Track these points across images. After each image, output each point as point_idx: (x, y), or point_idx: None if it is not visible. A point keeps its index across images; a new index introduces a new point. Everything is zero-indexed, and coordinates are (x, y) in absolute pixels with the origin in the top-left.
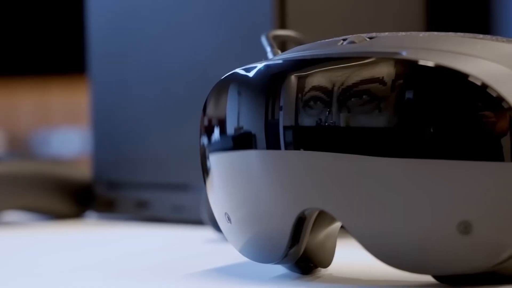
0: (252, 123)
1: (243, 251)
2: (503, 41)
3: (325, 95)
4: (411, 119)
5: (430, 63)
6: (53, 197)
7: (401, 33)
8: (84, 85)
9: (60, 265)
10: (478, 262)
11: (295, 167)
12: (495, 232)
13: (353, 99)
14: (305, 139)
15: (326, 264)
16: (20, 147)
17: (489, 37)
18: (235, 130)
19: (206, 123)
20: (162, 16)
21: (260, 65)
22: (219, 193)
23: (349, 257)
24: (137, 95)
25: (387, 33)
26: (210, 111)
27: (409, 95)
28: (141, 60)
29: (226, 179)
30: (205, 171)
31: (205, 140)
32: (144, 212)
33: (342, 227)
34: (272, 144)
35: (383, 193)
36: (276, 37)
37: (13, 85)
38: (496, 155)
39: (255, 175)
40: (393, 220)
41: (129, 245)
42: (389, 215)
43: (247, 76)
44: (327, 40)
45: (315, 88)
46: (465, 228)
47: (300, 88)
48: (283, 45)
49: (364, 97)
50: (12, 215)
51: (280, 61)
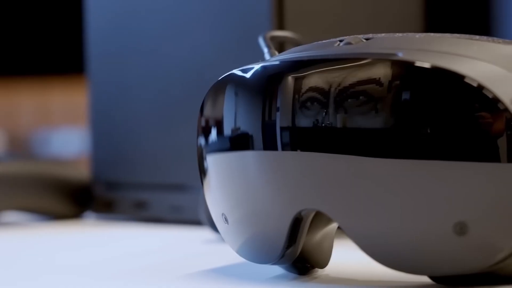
0: (249, 124)
1: (240, 252)
2: (499, 42)
3: (321, 96)
4: (407, 120)
5: (426, 64)
6: (51, 197)
7: (397, 34)
8: (84, 85)
9: (58, 265)
10: (474, 262)
11: (292, 168)
12: (491, 233)
13: (349, 100)
14: (302, 140)
15: (323, 264)
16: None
17: (485, 38)
18: (232, 131)
19: (203, 123)
20: (160, 17)
21: (257, 66)
22: (216, 193)
23: (346, 257)
24: (136, 96)
25: (383, 34)
26: (207, 111)
27: (405, 96)
28: (140, 60)
29: (223, 179)
30: (202, 172)
31: (202, 140)
32: (142, 212)
33: (339, 227)
34: (269, 145)
35: (379, 193)
36: (273, 38)
37: (13, 85)
38: (492, 156)
39: (252, 175)
40: (389, 220)
41: (128, 245)
42: (385, 216)
43: (244, 77)
44: (324, 41)
45: (311, 89)
46: (461, 229)
47: (297, 89)
48: (281, 46)
49: (360, 98)
50: (10, 216)
51: (277, 62)
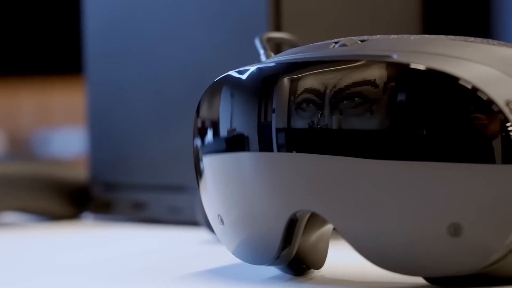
0: (245, 125)
1: (236, 253)
2: (494, 44)
3: (317, 98)
4: (402, 121)
5: (420, 66)
6: (50, 198)
7: (392, 36)
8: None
9: (57, 265)
10: (468, 263)
11: (287, 169)
12: (485, 234)
13: (344, 102)
14: (297, 142)
15: (318, 265)
16: (20, 148)
17: (479, 40)
18: (228, 132)
19: (199, 125)
20: (158, 17)
21: (252, 68)
22: (212, 195)
23: (342, 258)
24: (134, 96)
25: (378, 36)
26: (203, 113)
27: (399, 98)
28: (138, 61)
29: (219, 181)
30: (199, 173)
31: (198, 142)
32: (140, 213)
33: (334, 229)
34: (264, 146)
35: (374, 195)
36: (269, 40)
37: (14, 85)
38: (486, 158)
39: (247, 177)
40: (384, 222)
41: (125, 246)
42: (380, 217)
43: (240, 78)
44: (319, 43)
45: (307, 90)
46: (455, 230)
47: (292, 90)
48: (278, 47)
49: (355, 100)
50: (8, 216)
51: (272, 64)
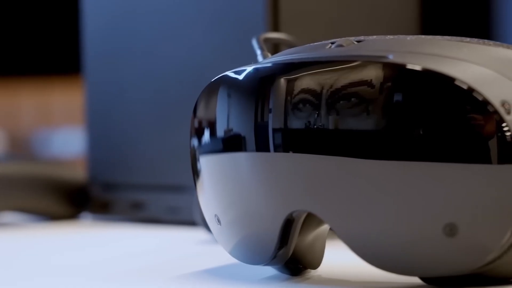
0: (241, 125)
1: (233, 253)
2: (490, 45)
3: (313, 98)
4: (398, 122)
5: (416, 67)
6: (48, 198)
7: (388, 36)
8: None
9: (55, 266)
10: (464, 263)
11: (284, 169)
12: (480, 234)
13: (341, 102)
14: (294, 142)
15: (315, 265)
16: (21, 148)
17: (475, 40)
18: (225, 132)
19: (196, 125)
20: (157, 18)
21: (249, 68)
22: (209, 195)
23: (338, 258)
24: (132, 97)
25: (375, 37)
26: (200, 113)
27: (395, 98)
28: (136, 62)
29: (215, 181)
30: (195, 173)
31: (195, 142)
32: (139, 213)
33: (330, 229)
34: (261, 146)
35: (370, 195)
36: (267, 40)
37: (14, 85)
38: (482, 158)
39: (244, 177)
40: (380, 222)
41: (124, 246)
42: (376, 217)
43: (236, 78)
44: (316, 43)
45: (303, 91)
46: (451, 230)
47: (289, 91)
48: (275, 47)
49: (351, 100)
50: (7, 216)
51: (269, 64)
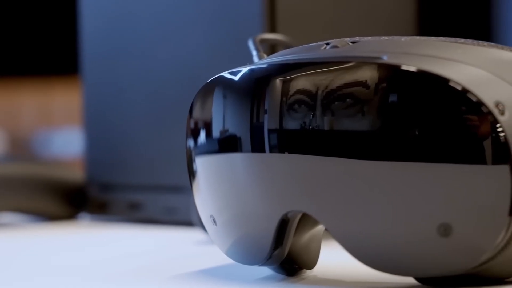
0: (237, 126)
1: (228, 253)
2: (484, 46)
3: (308, 99)
4: (392, 123)
5: (411, 68)
6: (46, 198)
7: (383, 37)
8: None
9: (53, 266)
10: (458, 264)
11: (280, 170)
12: (474, 234)
13: (336, 103)
14: (289, 142)
15: (310, 266)
16: (21, 148)
17: (470, 41)
18: (221, 133)
19: (192, 125)
20: (154, 19)
21: (245, 69)
22: (204, 195)
23: (334, 259)
24: (130, 98)
25: (370, 38)
26: (196, 114)
27: (389, 99)
28: (133, 63)
29: (211, 181)
30: (191, 174)
31: (191, 142)
32: (136, 213)
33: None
34: (257, 147)
35: (365, 196)
36: (263, 41)
37: (15, 85)
38: (476, 158)
39: (240, 177)
40: (375, 222)
41: (121, 246)
42: (371, 218)
43: (232, 79)
44: (311, 44)
45: (298, 91)
46: (445, 230)
47: (284, 91)
48: (273, 48)
49: (346, 101)
50: (5, 217)
51: (264, 65)
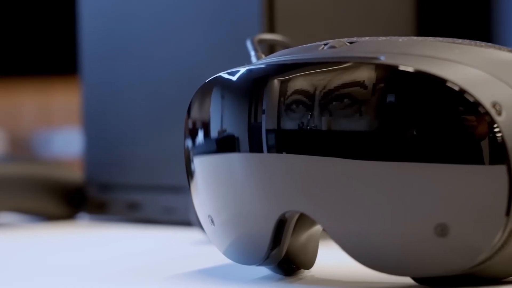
0: (235, 126)
1: (226, 253)
2: (481, 46)
3: (306, 99)
4: (389, 123)
5: (408, 68)
6: (45, 198)
7: (381, 37)
8: None
9: (51, 266)
10: (455, 264)
11: (277, 170)
12: (471, 234)
13: (333, 103)
14: (287, 142)
15: (308, 265)
16: (21, 148)
17: (467, 41)
18: (219, 133)
19: (190, 125)
20: (153, 20)
21: (242, 69)
22: (202, 195)
23: (332, 259)
24: (129, 98)
25: (367, 38)
26: (194, 114)
27: (387, 99)
28: (132, 63)
29: (209, 181)
30: (189, 174)
31: (189, 142)
32: (135, 213)
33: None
34: (254, 147)
35: (362, 196)
36: (261, 41)
37: (15, 85)
38: (473, 159)
39: (238, 178)
40: (372, 222)
41: (120, 246)
42: (368, 218)
43: (230, 79)
44: (309, 44)
45: (296, 92)
46: (442, 230)
47: (281, 92)
48: (271, 49)
49: (344, 101)
50: (4, 217)
51: (262, 65)
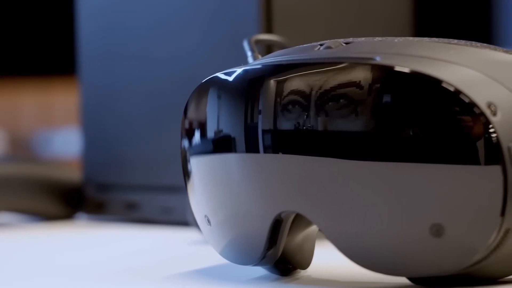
0: (231, 126)
1: (223, 253)
2: (477, 46)
3: (302, 99)
4: (385, 123)
5: (403, 69)
6: (43, 198)
7: (377, 38)
8: None
9: (50, 266)
10: (450, 264)
11: (273, 170)
12: (467, 235)
13: (329, 104)
14: (283, 143)
15: (304, 265)
16: (21, 148)
17: (463, 42)
18: (215, 133)
19: (186, 126)
20: (151, 20)
21: (239, 70)
22: (199, 195)
23: (328, 259)
24: (127, 98)
25: (363, 38)
26: (190, 114)
27: (382, 100)
28: (130, 63)
29: (206, 182)
30: (186, 174)
31: (185, 143)
32: (133, 213)
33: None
34: (251, 147)
35: (358, 196)
36: (258, 42)
37: (15, 85)
38: (468, 159)
39: (234, 178)
40: (367, 223)
41: (118, 246)
42: (363, 218)
43: (226, 80)
44: (305, 45)
45: (292, 92)
46: (437, 230)
47: (277, 92)
48: (269, 49)
49: (339, 101)
50: (2, 217)
51: (258, 66)
